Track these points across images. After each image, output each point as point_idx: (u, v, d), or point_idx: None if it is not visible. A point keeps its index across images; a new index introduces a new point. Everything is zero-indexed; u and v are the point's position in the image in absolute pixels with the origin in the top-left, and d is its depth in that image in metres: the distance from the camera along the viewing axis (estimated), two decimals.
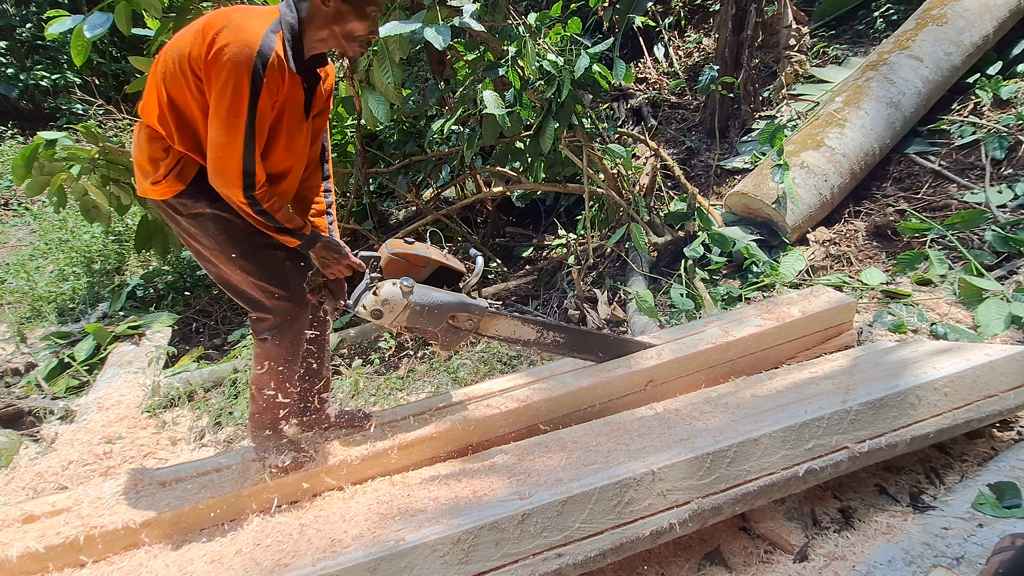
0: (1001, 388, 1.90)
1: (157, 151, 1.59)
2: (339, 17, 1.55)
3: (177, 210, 1.65)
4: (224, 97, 1.44)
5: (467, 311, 1.90)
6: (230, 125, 1.47)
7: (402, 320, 1.81)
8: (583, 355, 2.22)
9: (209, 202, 1.62)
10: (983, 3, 3.86)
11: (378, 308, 1.77)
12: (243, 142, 1.48)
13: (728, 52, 4.54)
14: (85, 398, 3.06)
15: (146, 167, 1.61)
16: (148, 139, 1.60)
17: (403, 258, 1.84)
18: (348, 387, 2.95)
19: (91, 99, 5.57)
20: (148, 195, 1.65)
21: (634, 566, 1.70)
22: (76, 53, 2.93)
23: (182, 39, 1.51)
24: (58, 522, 1.65)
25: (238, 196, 1.54)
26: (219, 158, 1.51)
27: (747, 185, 3.54)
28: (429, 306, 1.82)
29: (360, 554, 1.39)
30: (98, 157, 3.29)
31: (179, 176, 1.60)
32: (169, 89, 1.54)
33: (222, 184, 1.54)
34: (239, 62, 1.42)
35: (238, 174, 1.51)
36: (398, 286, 1.77)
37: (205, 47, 1.44)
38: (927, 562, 1.52)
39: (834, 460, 1.70)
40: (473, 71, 3.56)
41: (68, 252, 4.96)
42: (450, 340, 1.92)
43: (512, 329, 2.04)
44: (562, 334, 2.13)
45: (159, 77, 1.55)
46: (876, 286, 2.94)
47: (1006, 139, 3.46)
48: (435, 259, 1.89)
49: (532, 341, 2.10)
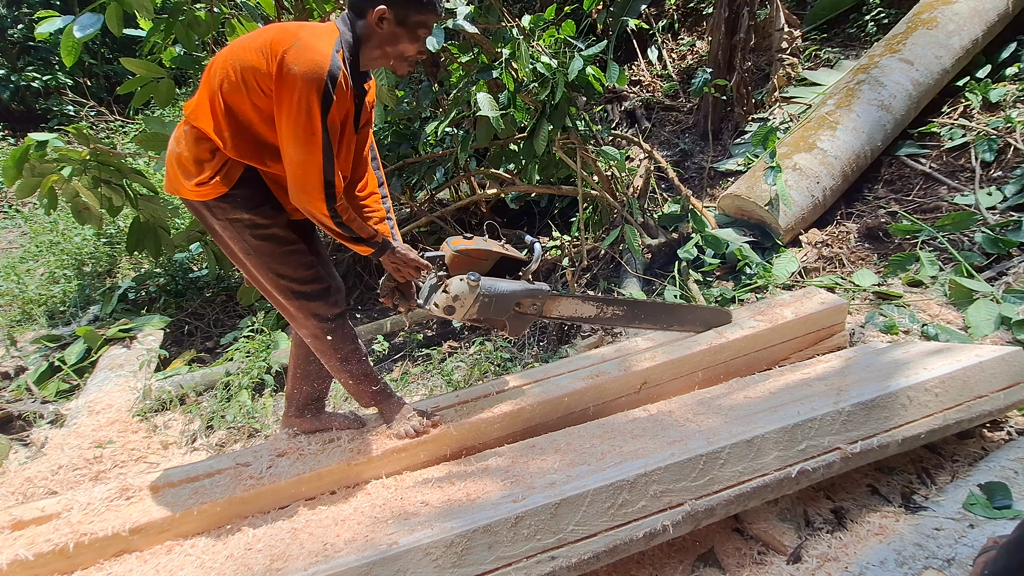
0: (991, 389, 1.91)
1: (204, 152, 1.61)
2: (393, 38, 1.62)
3: (213, 213, 1.67)
4: (299, 116, 1.48)
5: (532, 297, 1.97)
6: (307, 142, 1.51)
7: (473, 312, 1.87)
8: (644, 324, 2.29)
9: (247, 209, 1.65)
10: (972, 7, 3.90)
11: (450, 304, 1.83)
12: (322, 155, 1.53)
13: (721, 55, 4.56)
14: (75, 402, 3.03)
15: (190, 167, 1.63)
16: (195, 140, 1.62)
17: (466, 254, 1.90)
18: (342, 390, 2.93)
19: (83, 100, 5.54)
20: (185, 195, 1.67)
21: (628, 568, 1.70)
22: (66, 54, 2.91)
23: (245, 52, 1.54)
24: (48, 529, 1.63)
25: (322, 210, 1.58)
26: (300, 175, 1.55)
27: (740, 187, 3.56)
28: (497, 296, 1.89)
29: (352, 558, 1.38)
30: (89, 158, 3.27)
31: (224, 179, 1.62)
32: (227, 98, 1.56)
33: (305, 200, 1.58)
34: (310, 81, 1.46)
35: (320, 188, 1.55)
36: (465, 281, 1.83)
37: (275, 65, 1.48)
38: (919, 563, 1.52)
39: (827, 461, 1.71)
40: (467, 73, 3.56)
41: (59, 254, 4.92)
42: (517, 326, 2.01)
43: (574, 308, 2.12)
44: (621, 307, 2.21)
45: (215, 85, 1.57)
46: (868, 287, 2.96)
47: (995, 142, 3.49)
48: (496, 251, 1.95)
49: (594, 317, 2.17)
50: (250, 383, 3.01)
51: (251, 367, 3.08)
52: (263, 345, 3.31)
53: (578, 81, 3.03)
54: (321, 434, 1.95)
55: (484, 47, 3.35)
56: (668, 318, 2.32)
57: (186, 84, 6.89)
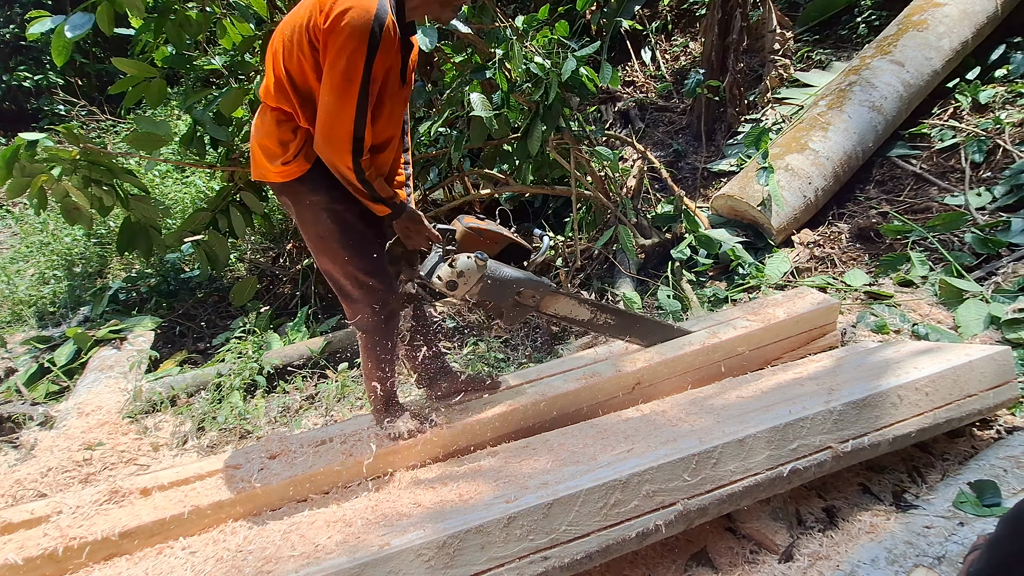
0: (981, 387, 1.93)
1: (286, 133, 1.65)
2: None
3: (297, 195, 1.71)
4: (340, 61, 1.49)
5: (533, 288, 1.98)
6: (343, 90, 1.51)
7: (475, 292, 1.87)
8: (632, 339, 2.29)
9: (326, 191, 1.68)
10: (962, 9, 3.94)
11: (453, 279, 1.83)
12: (355, 107, 1.53)
13: (714, 56, 4.58)
14: (65, 403, 3.00)
15: (275, 149, 1.66)
16: (276, 122, 1.66)
17: (478, 233, 1.91)
18: (335, 391, 2.92)
19: (74, 100, 5.49)
20: (272, 179, 1.71)
21: (621, 568, 1.70)
22: (57, 53, 2.89)
23: (296, 15, 1.57)
24: (37, 532, 1.61)
25: (346, 162, 1.58)
26: (329, 123, 1.55)
27: (733, 188, 3.57)
28: (501, 280, 1.89)
29: (344, 559, 1.37)
30: (79, 158, 3.24)
31: (307, 156, 1.65)
32: (288, 67, 1.59)
33: (330, 151, 1.58)
34: (358, 26, 1.46)
35: (348, 140, 1.55)
36: (473, 259, 1.83)
37: (323, 16, 1.49)
38: (909, 561, 1.53)
39: (818, 460, 1.71)
40: (460, 73, 3.56)
41: (49, 255, 4.88)
42: (514, 316, 2.01)
43: (570, 308, 2.12)
44: (613, 316, 2.22)
45: (278, 59, 1.60)
46: (859, 287, 2.97)
47: (985, 143, 3.52)
48: (507, 236, 1.97)
49: (586, 321, 2.17)
50: (242, 384, 2.99)
51: (243, 368, 3.06)
52: (255, 346, 3.29)
53: (572, 81, 3.03)
54: (319, 435, 1.96)
55: (478, 47, 3.35)
56: (655, 337, 2.31)
57: (177, 83, 6.85)
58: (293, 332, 3.55)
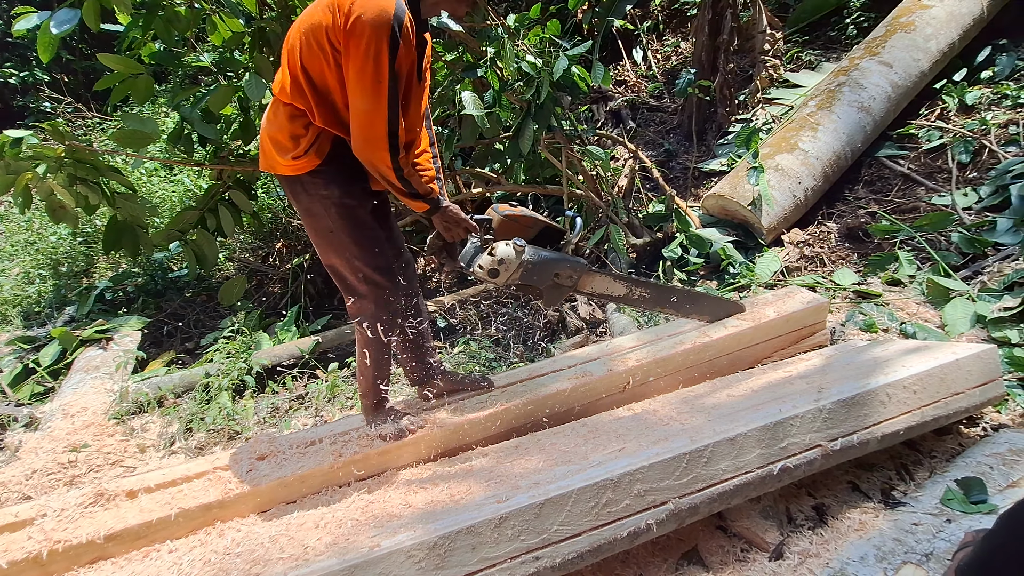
0: (967, 385, 1.94)
1: (298, 128, 1.65)
2: None
3: (306, 189, 1.71)
4: (367, 64, 1.49)
5: (571, 268, 2.01)
6: (374, 91, 1.52)
7: (515, 277, 1.91)
8: (667, 310, 2.32)
9: (338, 185, 1.70)
10: (949, 11, 3.98)
11: (495, 267, 1.86)
12: (387, 105, 1.54)
13: (705, 56, 4.60)
14: (50, 405, 2.96)
15: (286, 143, 1.66)
16: (289, 117, 1.66)
17: (513, 220, 1.95)
18: (324, 391, 2.90)
19: (60, 97, 5.41)
20: (281, 172, 1.71)
21: (612, 567, 1.70)
22: (43, 50, 2.84)
23: (312, 15, 1.56)
24: (21, 536, 1.59)
25: (385, 161, 1.59)
26: (365, 125, 1.56)
27: (723, 187, 3.59)
28: (539, 264, 1.93)
29: (333, 561, 1.36)
30: (65, 156, 3.19)
31: (317, 152, 1.66)
32: (307, 65, 1.59)
33: (369, 152, 1.59)
34: (378, 27, 1.47)
35: (385, 139, 1.56)
36: (511, 246, 1.86)
37: (342, 17, 1.49)
38: (897, 558, 1.54)
39: (808, 458, 1.72)
40: (452, 72, 3.55)
41: (34, 254, 4.81)
42: (553, 296, 2.04)
43: (606, 285, 2.14)
44: (648, 290, 2.25)
45: (295, 56, 1.60)
46: (848, 286, 3.00)
47: (971, 143, 3.56)
48: (541, 220, 2.00)
49: (623, 296, 2.20)
50: (231, 385, 2.97)
51: (231, 368, 3.03)
52: (244, 346, 3.26)
53: (563, 81, 3.03)
54: (309, 435, 1.94)
55: (469, 46, 3.34)
56: (690, 306, 2.36)
57: (165, 80, 6.77)
58: (283, 332, 3.53)
